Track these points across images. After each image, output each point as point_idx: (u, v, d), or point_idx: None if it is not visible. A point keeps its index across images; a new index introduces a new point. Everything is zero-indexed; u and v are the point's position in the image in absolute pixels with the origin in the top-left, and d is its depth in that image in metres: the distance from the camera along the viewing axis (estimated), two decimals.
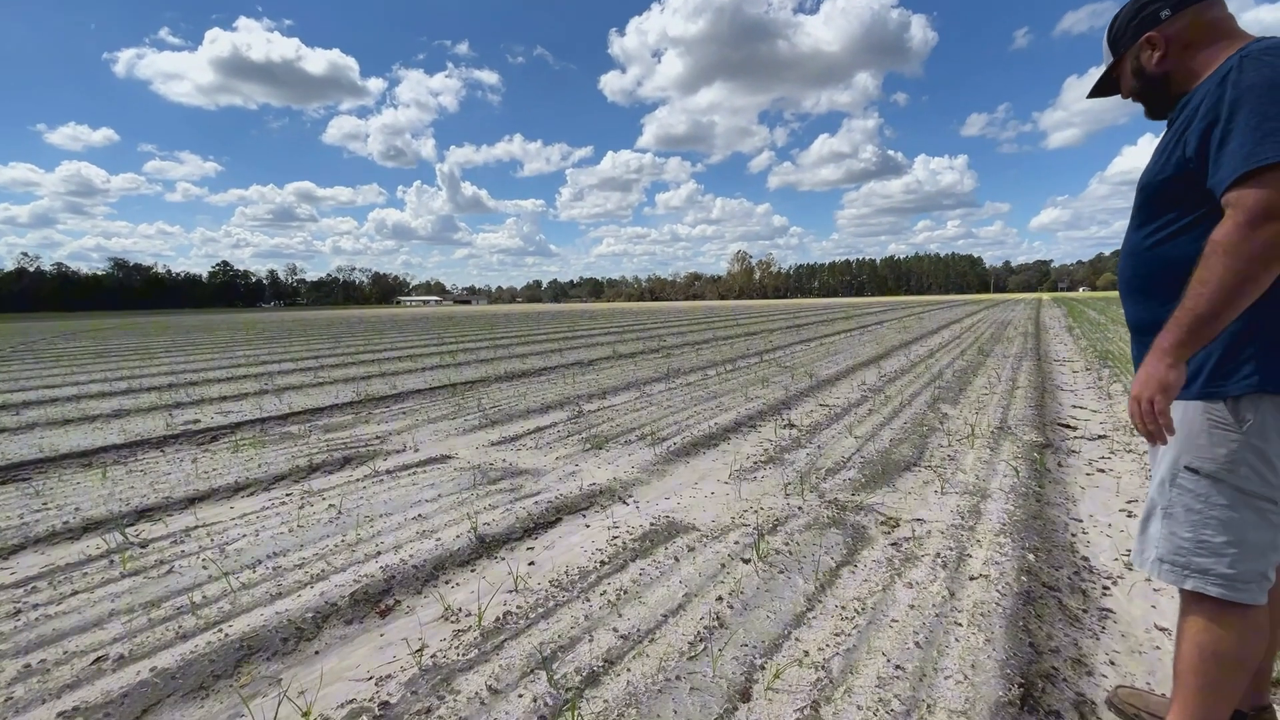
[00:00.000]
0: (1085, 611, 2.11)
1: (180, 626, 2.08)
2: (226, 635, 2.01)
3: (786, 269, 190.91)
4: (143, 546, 2.78)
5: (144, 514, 3.19)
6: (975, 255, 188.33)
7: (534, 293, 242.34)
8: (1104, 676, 1.75)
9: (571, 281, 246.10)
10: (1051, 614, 2.07)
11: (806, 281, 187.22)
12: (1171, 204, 1.25)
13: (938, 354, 9.94)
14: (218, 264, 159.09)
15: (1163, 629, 1.97)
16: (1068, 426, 4.74)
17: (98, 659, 1.90)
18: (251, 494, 3.50)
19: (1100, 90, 1.50)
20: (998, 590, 2.20)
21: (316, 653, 1.94)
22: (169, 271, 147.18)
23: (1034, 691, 1.66)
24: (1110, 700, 1.63)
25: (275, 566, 2.53)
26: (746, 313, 35.64)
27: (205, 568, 2.53)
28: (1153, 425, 1.18)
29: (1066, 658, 1.84)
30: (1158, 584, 2.25)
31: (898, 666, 1.77)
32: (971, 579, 2.30)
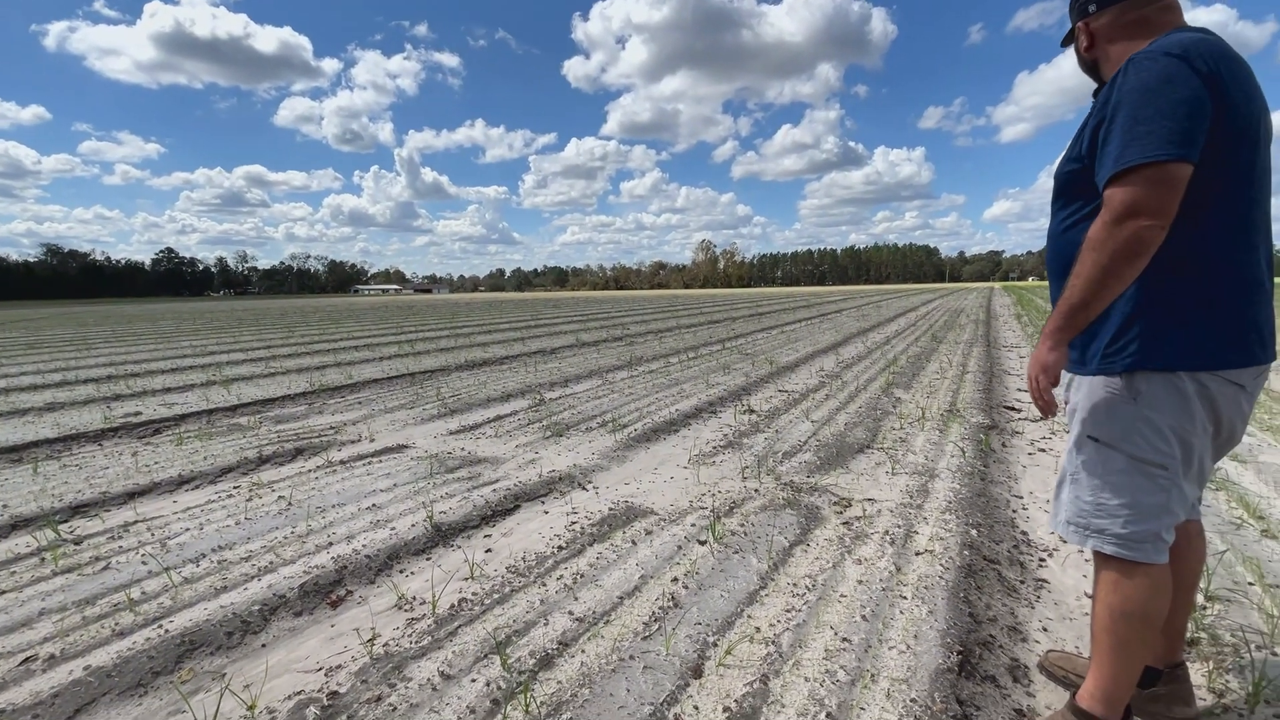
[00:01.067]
0: (1022, 582, 2.21)
1: (117, 624, 2.00)
2: (167, 631, 1.95)
3: (750, 258, 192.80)
4: (77, 543, 2.66)
5: (79, 510, 3.05)
6: (932, 245, 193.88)
7: (497, 281, 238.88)
8: (1037, 642, 1.85)
9: (536, 270, 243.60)
10: (991, 585, 2.17)
11: (770, 271, 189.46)
12: (1078, 193, 1.32)
13: (893, 341, 10.20)
14: (161, 251, 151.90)
15: (1091, 596, 2.08)
16: (1012, 409, 4.93)
17: (26, 659, 1.82)
18: (196, 487, 3.38)
19: (1069, 41, 1.52)
20: (941, 564, 2.29)
21: (263, 646, 1.89)
22: (108, 259, 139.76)
23: (972, 658, 1.74)
24: (1041, 664, 1.72)
25: (220, 560, 2.45)
26: (711, 301, 35.88)
27: (145, 563, 2.44)
28: (1039, 400, 1.33)
29: (1003, 626, 1.93)
30: (1088, 554, 2.37)
31: (845, 639, 1.83)
32: (918, 554, 2.38)
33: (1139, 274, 1.17)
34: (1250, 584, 2.12)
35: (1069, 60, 1.51)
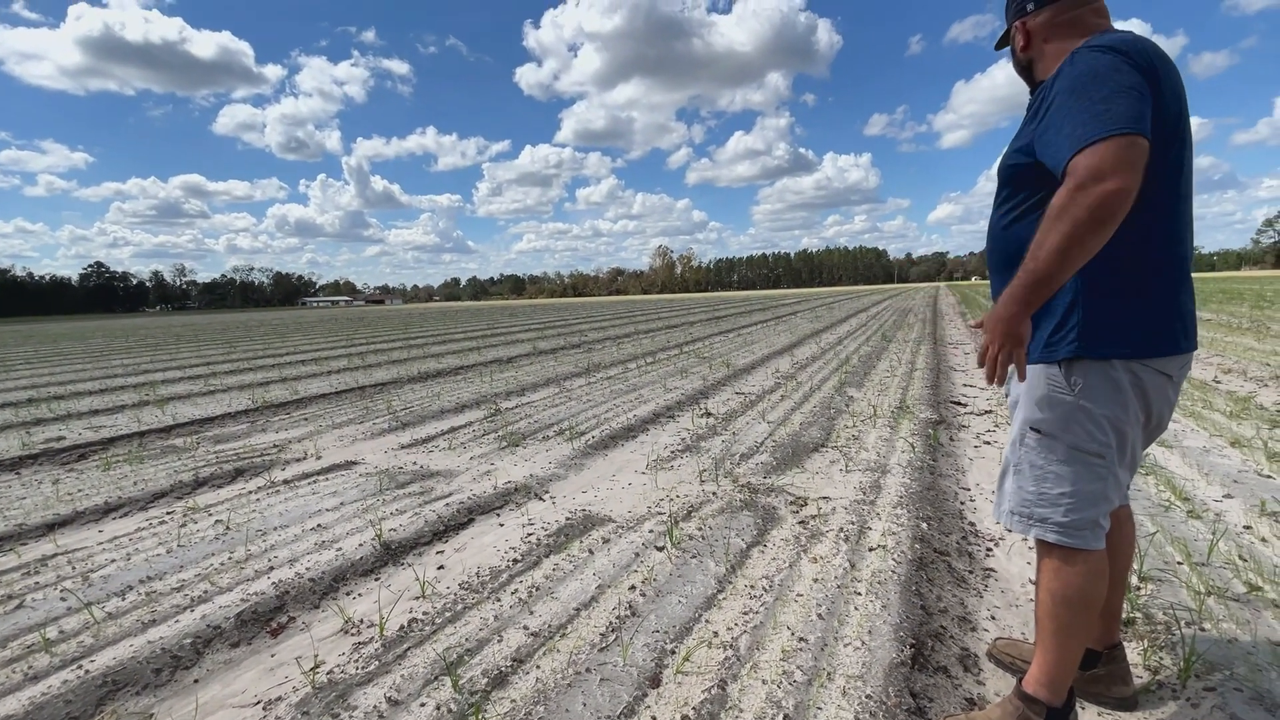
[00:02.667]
0: (971, 573, 2.27)
1: (30, 667, 1.85)
2: (87, 672, 1.80)
3: (707, 263, 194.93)
4: None
5: None
6: (880, 248, 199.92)
7: (452, 291, 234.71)
8: (986, 631, 1.89)
9: (492, 279, 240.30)
10: (941, 577, 2.21)
11: (726, 275, 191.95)
12: (1022, 185, 1.33)
13: (846, 341, 10.45)
14: (90, 265, 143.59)
15: (1035, 583, 2.15)
16: (959, 404, 5.10)
17: None
18: (125, 514, 3.18)
19: (1004, 43, 1.55)
20: (894, 559, 2.33)
21: (196, 681, 1.77)
22: (30, 275, 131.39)
23: (924, 650, 1.77)
24: (990, 652, 1.76)
25: (149, 592, 2.30)
26: (668, 306, 36.09)
27: (64, 599, 2.27)
28: (995, 371, 1.26)
29: (953, 616, 1.97)
30: (1031, 542, 2.45)
31: (801, 639, 1.83)
32: (871, 550, 2.42)
33: (1101, 246, 1.11)
34: (1179, 563, 2.23)
35: (1002, 70, 1.57)
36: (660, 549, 2.50)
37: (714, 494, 3.13)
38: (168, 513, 3.17)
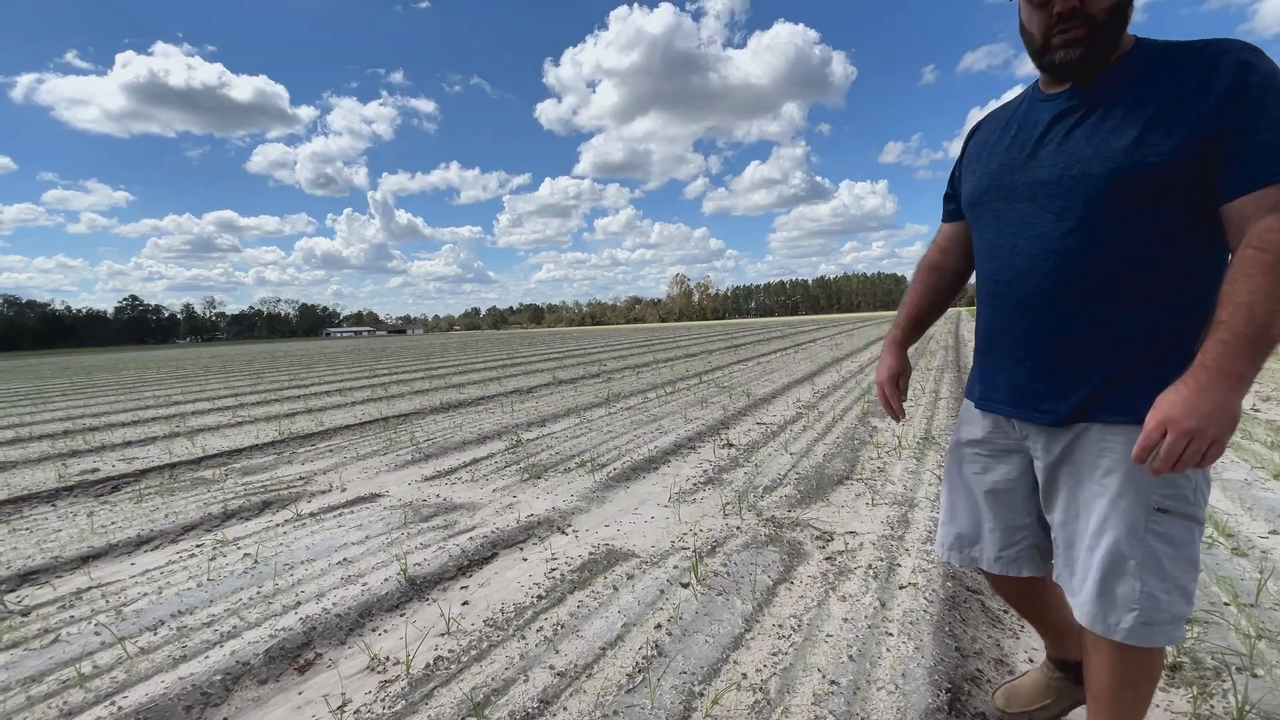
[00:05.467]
0: (1006, 612, 2.20)
1: (65, 703, 1.87)
2: (120, 709, 1.82)
3: (724, 291, 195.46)
4: (24, 615, 2.50)
5: (27, 578, 2.88)
6: (899, 274, 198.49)
7: (473, 320, 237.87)
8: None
9: (511, 308, 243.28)
10: (975, 617, 2.15)
11: (743, 302, 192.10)
12: (1153, 195, 1.04)
13: (867, 369, 10.35)
14: (125, 298, 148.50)
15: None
16: None
17: None
18: (156, 547, 3.23)
19: None
20: (925, 598, 2.27)
21: (225, 719, 1.78)
22: (69, 308, 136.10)
23: (960, 695, 1.71)
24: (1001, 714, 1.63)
25: (180, 626, 2.32)
26: (686, 334, 36.14)
27: (98, 634, 2.30)
28: (1190, 464, 0.95)
29: (990, 659, 1.91)
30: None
31: (833, 682, 1.79)
32: (901, 588, 2.36)
33: None
34: (1226, 604, 2.15)
35: (1014, 96, 1.41)
36: (685, 585, 2.47)
37: (738, 528, 3.09)
38: (197, 545, 3.22)
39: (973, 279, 1.52)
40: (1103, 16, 1.06)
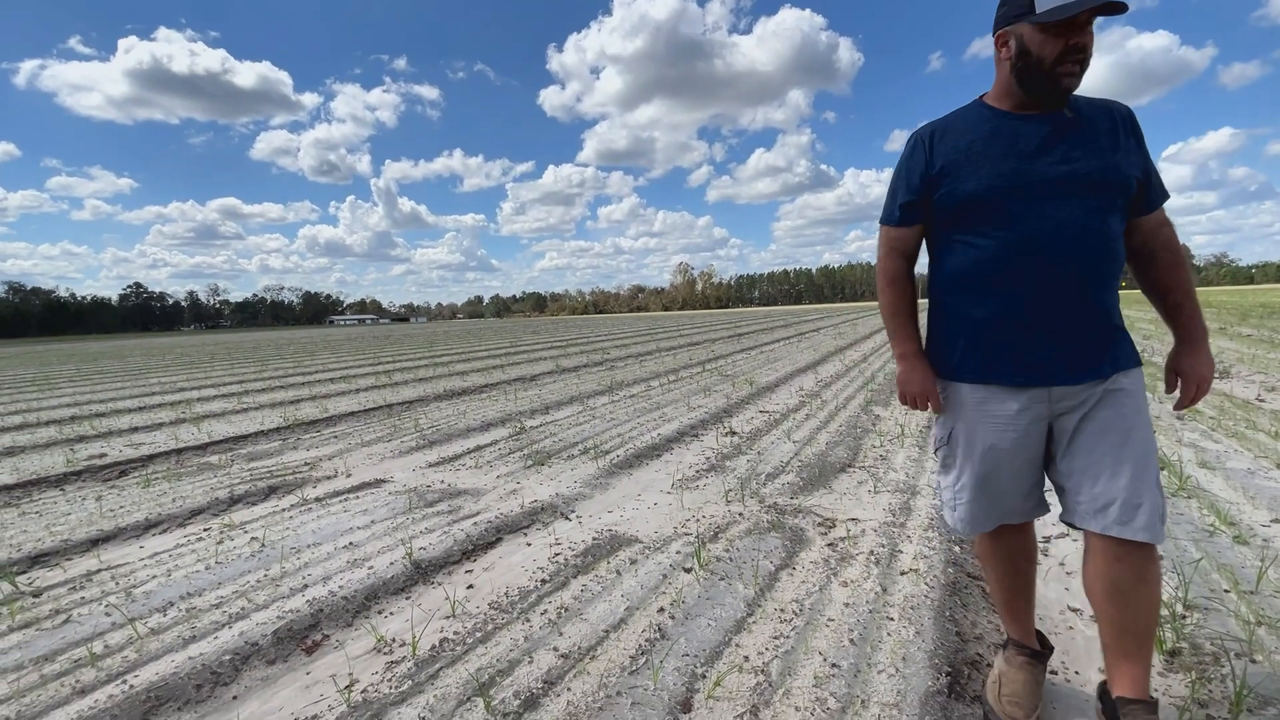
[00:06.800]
0: None
1: (78, 681, 1.90)
2: (131, 687, 1.86)
3: (727, 279, 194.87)
4: (36, 596, 2.54)
5: (38, 560, 2.92)
6: None
7: (476, 308, 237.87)
8: None
9: (514, 296, 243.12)
10: (975, 602, 2.17)
11: (747, 291, 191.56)
12: (1125, 202, 1.41)
13: (870, 358, 10.34)
14: (129, 285, 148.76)
15: (1075, 609, 2.09)
16: None
17: None
18: (164, 531, 3.26)
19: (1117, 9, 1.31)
20: (926, 583, 2.29)
21: (234, 698, 1.81)
22: (73, 295, 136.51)
23: (960, 679, 1.73)
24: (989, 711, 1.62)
25: (189, 608, 2.36)
26: (690, 323, 36.11)
27: (109, 614, 2.34)
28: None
29: (990, 644, 1.93)
30: (1071, 567, 2.39)
31: (834, 665, 1.81)
32: (902, 574, 2.38)
33: None
34: (1226, 591, 2.16)
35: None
36: (688, 570, 2.49)
37: (740, 515, 3.11)
38: (205, 529, 3.25)
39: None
40: (1088, 60, 1.34)
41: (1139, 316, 15.54)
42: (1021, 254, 1.38)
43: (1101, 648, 1.47)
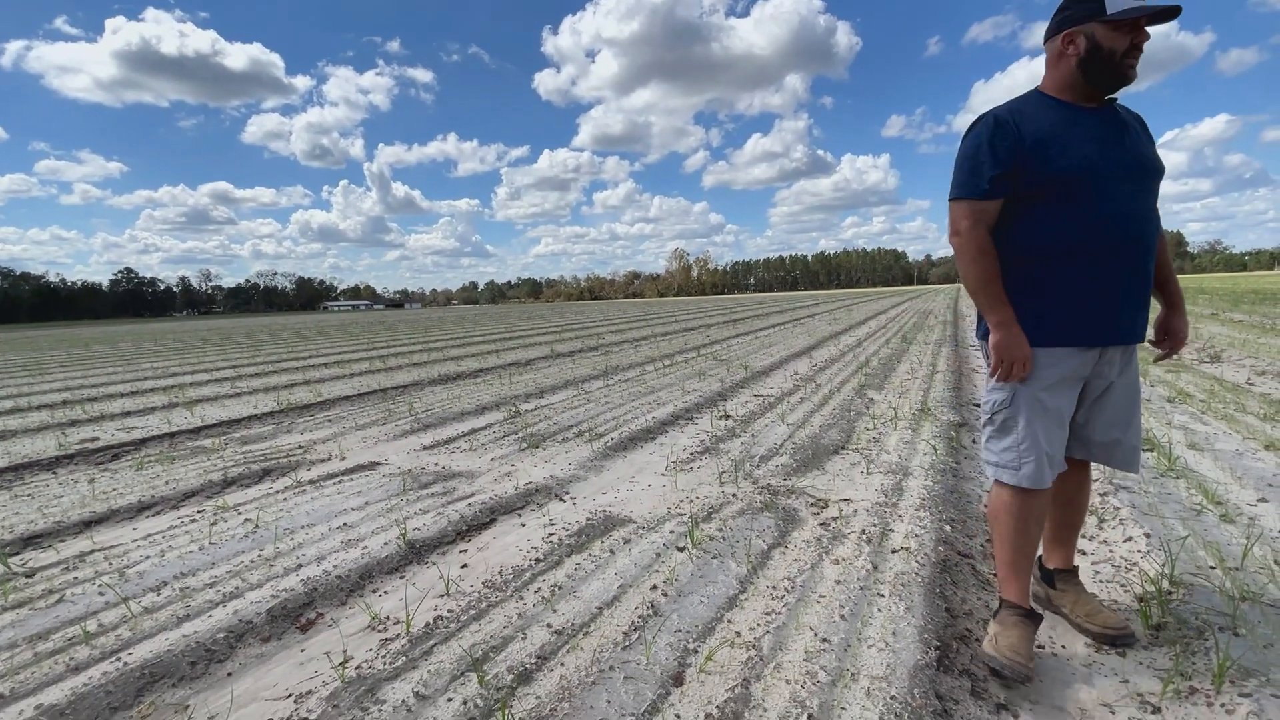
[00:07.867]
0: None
1: (72, 659, 1.91)
2: (126, 664, 1.86)
3: (723, 265, 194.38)
4: (29, 576, 2.54)
5: (31, 541, 2.92)
6: (899, 250, 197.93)
7: (471, 294, 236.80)
8: None
9: (509, 282, 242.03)
10: (965, 580, 2.19)
11: (743, 277, 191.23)
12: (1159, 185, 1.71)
13: (865, 343, 10.36)
14: (120, 271, 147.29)
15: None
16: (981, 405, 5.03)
17: None
18: (158, 513, 3.26)
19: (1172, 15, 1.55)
20: (917, 561, 2.31)
21: (229, 674, 1.82)
22: (63, 280, 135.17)
23: (949, 653, 1.75)
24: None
25: (183, 587, 2.36)
26: (685, 309, 36.07)
27: (102, 594, 2.34)
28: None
29: (979, 619, 1.95)
30: None
31: (824, 639, 1.83)
32: (894, 552, 2.40)
33: None
34: (1212, 568, 2.19)
35: (1023, 69, 1.64)
36: (681, 549, 2.50)
37: (734, 495, 3.13)
38: (198, 511, 3.25)
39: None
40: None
41: None
42: (1106, 227, 1.57)
43: (1043, 540, 1.93)
